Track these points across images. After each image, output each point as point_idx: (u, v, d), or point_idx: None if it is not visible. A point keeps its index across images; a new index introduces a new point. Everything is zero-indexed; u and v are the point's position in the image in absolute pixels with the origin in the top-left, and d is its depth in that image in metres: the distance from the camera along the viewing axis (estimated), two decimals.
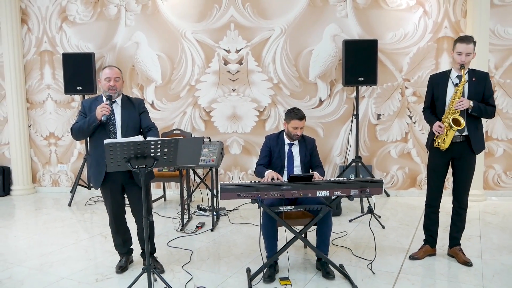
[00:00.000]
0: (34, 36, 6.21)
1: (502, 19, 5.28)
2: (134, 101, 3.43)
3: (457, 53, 3.30)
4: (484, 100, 3.35)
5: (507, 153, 5.47)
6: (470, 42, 3.29)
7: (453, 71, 3.40)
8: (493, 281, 3.14)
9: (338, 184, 3.05)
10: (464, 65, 3.27)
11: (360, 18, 5.51)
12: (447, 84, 3.39)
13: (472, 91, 3.33)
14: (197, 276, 3.35)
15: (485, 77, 3.40)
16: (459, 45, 3.30)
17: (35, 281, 3.32)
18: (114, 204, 3.38)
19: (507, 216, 4.76)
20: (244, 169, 5.93)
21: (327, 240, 3.33)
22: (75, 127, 3.26)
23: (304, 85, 5.70)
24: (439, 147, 3.37)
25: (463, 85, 3.28)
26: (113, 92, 3.26)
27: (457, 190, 3.51)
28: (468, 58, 3.27)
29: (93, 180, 3.39)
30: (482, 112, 3.31)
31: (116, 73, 3.29)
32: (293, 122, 3.51)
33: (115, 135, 3.25)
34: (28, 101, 6.33)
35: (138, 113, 3.37)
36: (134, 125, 3.32)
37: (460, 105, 3.24)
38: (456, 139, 3.34)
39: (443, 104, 3.39)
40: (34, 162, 6.46)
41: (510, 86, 5.35)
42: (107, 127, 3.25)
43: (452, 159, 3.46)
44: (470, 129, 3.33)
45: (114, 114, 3.28)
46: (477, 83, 3.34)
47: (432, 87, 3.51)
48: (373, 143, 5.69)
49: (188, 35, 5.81)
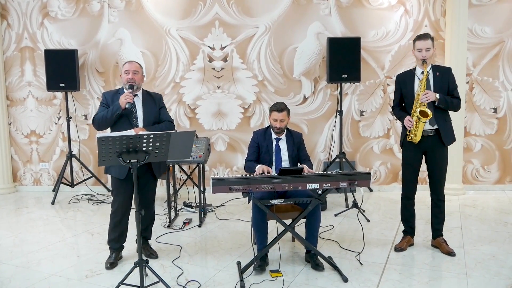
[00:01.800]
0: (14, 32, 6.09)
1: (480, 18, 5.46)
2: (154, 95, 3.59)
3: (417, 50, 3.46)
4: (449, 93, 3.50)
5: (485, 148, 5.65)
6: (428, 38, 3.45)
7: (418, 68, 3.55)
8: (475, 269, 3.26)
9: (327, 177, 3.11)
10: (426, 60, 3.42)
11: (343, 17, 5.61)
12: (413, 81, 3.54)
13: (438, 85, 3.48)
14: (188, 270, 3.36)
15: (448, 71, 3.55)
16: (418, 43, 3.47)
17: (22, 279, 3.28)
18: (127, 199, 3.45)
19: (486, 208, 4.92)
20: (230, 165, 5.96)
21: (316, 232, 3.40)
22: (98, 116, 3.37)
23: (288, 82, 5.77)
24: (412, 140, 3.50)
25: (425, 78, 3.43)
26: (133, 84, 3.38)
27: (433, 183, 3.63)
28: (428, 53, 3.43)
29: (117, 171, 3.39)
30: (448, 104, 3.45)
31: (135, 66, 3.43)
32: (273, 114, 3.59)
33: (137, 127, 3.37)
34: (8, 98, 6.21)
35: (158, 107, 3.53)
36: (154, 118, 3.48)
37: (425, 97, 3.38)
38: (427, 133, 3.48)
39: (411, 100, 3.53)
40: (14, 160, 6.34)
41: (487, 83, 5.53)
42: (130, 119, 3.38)
43: (424, 153, 3.59)
44: (439, 122, 3.47)
45: (136, 107, 3.42)
46: (441, 77, 3.49)
47: (400, 86, 3.65)
48: (356, 139, 5.80)
49: (173, 32, 5.80)
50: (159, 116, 3.53)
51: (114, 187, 3.50)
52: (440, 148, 3.53)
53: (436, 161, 3.56)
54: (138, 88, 3.45)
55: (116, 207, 3.48)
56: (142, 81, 3.50)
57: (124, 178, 3.38)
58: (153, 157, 2.88)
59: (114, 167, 3.39)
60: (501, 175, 5.68)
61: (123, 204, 3.46)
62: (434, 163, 3.57)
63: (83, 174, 6.09)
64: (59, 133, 6.17)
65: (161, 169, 3.61)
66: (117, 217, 3.47)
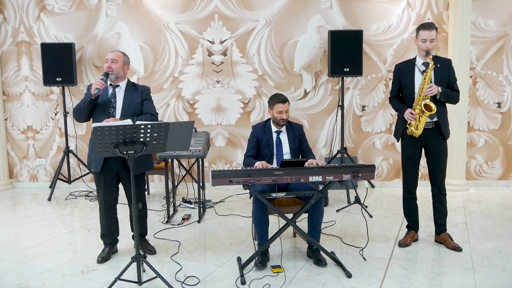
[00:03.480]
0: (11, 26, 5.99)
1: (483, 11, 5.37)
2: (139, 87, 3.47)
3: (421, 40, 3.34)
4: (449, 85, 3.42)
5: (488, 144, 5.56)
6: (433, 28, 3.34)
7: (418, 59, 3.45)
8: (482, 265, 3.17)
9: (330, 169, 3.02)
10: (430, 51, 3.31)
11: (344, 10, 5.52)
12: (414, 71, 3.44)
13: (438, 77, 3.38)
14: (187, 266, 3.27)
15: (449, 63, 3.46)
16: (422, 32, 3.34)
17: (17, 274, 3.19)
18: (107, 193, 3.36)
19: (490, 204, 4.84)
20: (229, 161, 5.87)
21: (319, 227, 3.31)
22: (75, 107, 3.33)
23: (289, 77, 5.68)
24: (412, 134, 3.41)
25: (431, 71, 3.33)
26: (110, 72, 3.29)
27: (434, 177, 3.55)
28: (432, 44, 3.33)
29: (94, 164, 3.32)
30: (449, 97, 3.37)
31: (114, 55, 3.37)
32: (277, 106, 3.49)
33: (113, 117, 3.26)
34: (4, 94, 6.11)
35: (141, 99, 3.40)
36: (135, 110, 3.34)
37: (429, 91, 3.28)
38: (427, 125, 3.38)
39: (411, 92, 3.43)
40: (11, 156, 6.24)
41: (491, 77, 5.45)
42: (106, 110, 3.28)
43: (424, 146, 3.51)
44: (439, 115, 3.39)
45: (115, 98, 3.33)
46: (442, 69, 3.39)
47: (399, 76, 3.54)
48: (358, 134, 5.71)
49: (172, 25, 5.71)
50: (141, 108, 3.38)
51: (95, 181, 3.44)
52: (440, 141, 3.45)
53: (436, 154, 3.48)
54: (117, 78, 3.35)
55: (100, 202, 3.41)
56: (123, 71, 3.37)
57: (100, 171, 3.29)
58: (150, 148, 2.80)
59: (93, 161, 3.31)
60: (505, 171, 5.59)
61: (104, 198, 3.37)
62: (435, 156, 3.49)
63: (80, 170, 5.99)
64: (56, 129, 6.07)
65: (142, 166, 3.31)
66: (103, 212, 3.40)
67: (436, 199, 3.58)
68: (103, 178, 3.33)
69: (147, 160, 3.42)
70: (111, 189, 3.37)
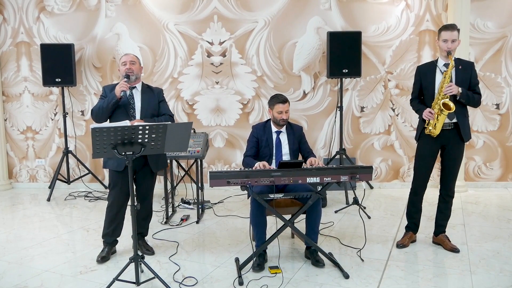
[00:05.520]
0: (10, 26, 6.01)
1: (482, 13, 5.38)
2: (154, 89, 3.54)
3: (443, 40, 3.33)
4: (471, 88, 3.39)
5: (487, 145, 5.57)
6: (454, 29, 3.33)
7: (440, 60, 3.43)
8: (479, 266, 3.18)
9: (328, 170, 3.03)
10: (451, 51, 3.30)
11: (343, 11, 5.53)
12: (435, 73, 3.42)
13: (459, 79, 3.36)
14: (185, 267, 3.28)
15: (471, 66, 3.44)
16: (444, 33, 3.33)
17: (15, 275, 3.19)
18: (123, 192, 3.38)
19: (488, 205, 4.85)
20: (228, 162, 5.88)
21: (317, 228, 3.32)
22: (95, 107, 3.34)
23: (288, 78, 5.69)
24: (430, 133, 3.37)
25: (450, 70, 3.31)
26: (131, 74, 3.34)
27: (445, 178, 3.52)
28: (454, 44, 3.31)
29: (115, 163, 3.33)
30: (470, 99, 3.34)
31: (131, 57, 3.41)
32: (277, 106, 3.50)
33: (134, 118, 3.33)
34: (4, 94, 6.12)
35: (157, 101, 3.47)
36: (153, 111, 3.42)
37: (449, 90, 3.26)
38: (446, 126, 3.35)
39: (432, 92, 3.41)
40: (10, 157, 6.25)
41: (489, 79, 5.46)
42: (127, 111, 3.33)
43: (441, 147, 3.48)
44: (459, 117, 3.36)
45: (134, 99, 3.39)
46: (463, 71, 3.37)
47: (420, 77, 3.52)
48: (357, 135, 5.71)
49: (171, 26, 5.72)
50: (159, 110, 3.47)
51: (111, 180, 3.44)
52: (458, 143, 3.42)
53: (453, 157, 3.44)
54: (136, 78, 3.41)
55: (112, 201, 3.42)
56: (140, 72, 3.47)
57: (122, 171, 3.31)
58: (149, 149, 2.81)
59: (112, 160, 3.32)
60: (504, 172, 5.60)
61: (119, 197, 3.40)
62: (451, 158, 3.45)
63: (79, 171, 6.00)
64: (55, 129, 6.08)
65: (160, 164, 3.52)
66: (113, 211, 3.41)
67: (443, 200, 3.57)
68: (121, 178, 3.34)
69: (164, 158, 3.55)
70: (125, 188, 3.33)
